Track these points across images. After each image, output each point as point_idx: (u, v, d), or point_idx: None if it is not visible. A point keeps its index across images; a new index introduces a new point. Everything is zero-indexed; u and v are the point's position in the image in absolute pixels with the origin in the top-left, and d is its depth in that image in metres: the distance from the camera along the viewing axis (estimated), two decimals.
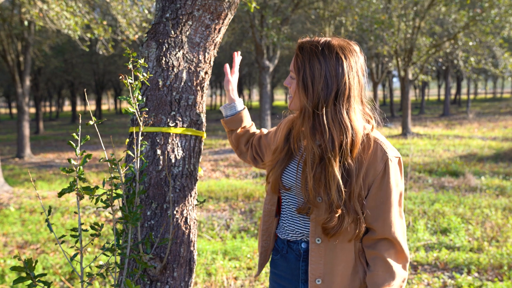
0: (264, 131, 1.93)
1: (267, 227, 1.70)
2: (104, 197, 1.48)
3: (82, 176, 1.44)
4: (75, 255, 1.46)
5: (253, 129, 1.95)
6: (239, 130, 1.91)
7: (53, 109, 49.86)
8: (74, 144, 1.42)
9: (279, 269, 1.68)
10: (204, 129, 1.84)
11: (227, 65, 1.85)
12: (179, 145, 1.72)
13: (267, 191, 1.71)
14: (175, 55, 1.69)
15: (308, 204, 1.50)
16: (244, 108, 1.91)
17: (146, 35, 1.75)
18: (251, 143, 1.92)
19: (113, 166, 1.50)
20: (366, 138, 1.49)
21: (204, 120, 1.83)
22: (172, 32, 1.69)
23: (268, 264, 2.86)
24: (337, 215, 1.45)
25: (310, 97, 1.45)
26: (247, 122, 1.92)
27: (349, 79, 1.44)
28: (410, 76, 15.90)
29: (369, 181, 1.48)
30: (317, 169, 1.45)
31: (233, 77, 1.87)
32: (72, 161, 1.45)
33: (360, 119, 1.49)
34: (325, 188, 1.45)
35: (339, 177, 1.43)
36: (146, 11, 9.32)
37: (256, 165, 1.93)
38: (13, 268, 1.36)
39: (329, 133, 1.43)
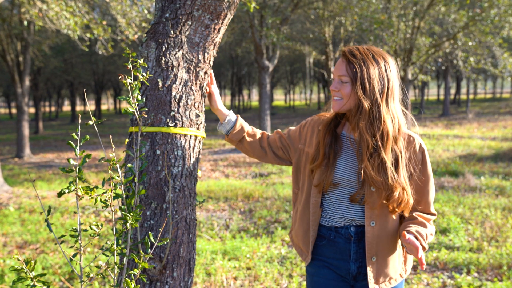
0: (281, 131, 2.04)
1: (315, 218, 1.86)
2: (103, 197, 1.48)
3: (81, 176, 1.44)
4: (75, 255, 1.46)
5: (257, 130, 2.02)
6: (246, 138, 1.96)
7: (53, 109, 49.84)
8: (73, 144, 1.42)
9: (326, 253, 1.86)
10: (203, 129, 1.84)
11: (204, 84, 1.86)
12: (179, 145, 1.72)
13: (310, 187, 1.87)
14: (175, 55, 1.69)
15: (361, 192, 1.75)
16: (238, 117, 1.98)
17: (145, 35, 1.75)
18: (268, 143, 1.99)
19: (112, 166, 1.50)
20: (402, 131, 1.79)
21: (203, 120, 1.83)
22: (172, 32, 1.69)
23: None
24: (394, 193, 1.71)
25: (368, 96, 1.71)
26: (248, 126, 1.99)
27: (393, 79, 1.76)
28: (409, 76, 15.89)
29: (411, 168, 1.78)
30: (372, 158, 1.71)
31: (215, 94, 1.92)
32: (72, 161, 1.45)
33: (401, 113, 1.79)
34: (381, 173, 1.70)
35: (390, 162, 1.71)
36: (146, 11, 9.31)
37: (281, 163, 2.02)
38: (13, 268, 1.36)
39: (384, 125, 1.71)
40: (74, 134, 1.42)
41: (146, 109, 1.69)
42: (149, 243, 1.64)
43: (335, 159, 1.80)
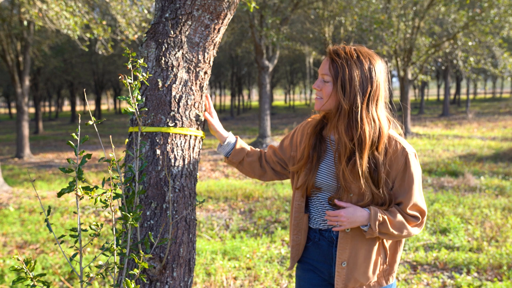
0: (275, 145, 2.01)
1: (298, 222, 1.85)
2: (103, 197, 1.48)
3: (81, 176, 1.44)
4: (75, 255, 1.46)
5: (255, 150, 2.01)
6: (246, 158, 1.96)
7: (53, 109, 49.85)
8: (73, 144, 1.42)
9: (311, 255, 1.86)
10: (203, 129, 1.85)
11: (206, 114, 1.87)
12: (179, 145, 1.72)
13: (295, 190, 1.87)
14: (175, 55, 1.69)
15: (337, 196, 1.74)
16: (237, 138, 1.97)
17: (145, 35, 1.75)
18: (266, 160, 1.98)
19: (112, 166, 1.50)
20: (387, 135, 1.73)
21: (203, 120, 1.83)
22: (172, 32, 1.69)
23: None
24: (367, 200, 1.70)
25: (347, 97, 1.66)
26: (247, 147, 1.99)
27: (378, 82, 1.69)
28: (409, 76, 15.90)
29: (392, 173, 1.71)
30: (349, 162, 1.67)
31: (213, 118, 1.90)
32: (72, 161, 1.45)
33: (385, 118, 1.73)
34: (357, 178, 1.66)
35: (367, 167, 1.67)
36: (146, 11, 9.31)
37: (281, 178, 2.00)
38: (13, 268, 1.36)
39: (362, 128, 1.66)
40: (74, 134, 1.42)
41: (146, 109, 1.69)
42: (149, 243, 1.64)
43: (319, 162, 1.78)
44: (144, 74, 1.64)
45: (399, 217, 1.71)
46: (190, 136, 1.75)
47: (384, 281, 1.82)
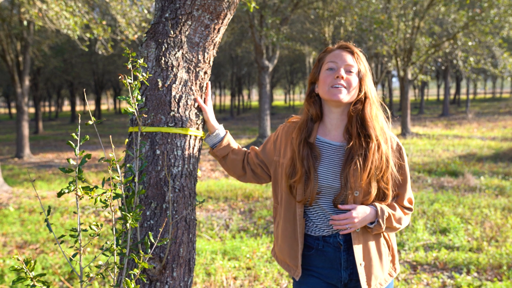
0: (256, 148, 1.98)
1: (301, 229, 1.81)
2: (103, 197, 1.48)
3: (81, 176, 1.44)
4: (75, 255, 1.46)
5: (242, 149, 1.97)
6: (231, 155, 1.92)
7: (53, 109, 49.83)
8: (73, 144, 1.42)
9: (315, 262, 1.81)
10: (203, 129, 1.85)
11: (198, 98, 1.81)
12: (179, 145, 1.72)
13: (287, 200, 1.83)
14: (175, 55, 1.69)
15: (343, 195, 1.72)
16: (227, 132, 1.94)
17: (145, 35, 1.75)
18: (247, 162, 1.94)
19: (112, 166, 1.50)
20: None
21: (203, 120, 1.83)
22: (172, 32, 1.69)
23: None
24: (373, 196, 1.73)
25: (370, 90, 1.77)
26: (234, 144, 1.94)
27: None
28: (409, 76, 15.90)
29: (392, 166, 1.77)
30: (363, 159, 1.70)
31: (208, 106, 1.83)
32: (71, 161, 1.45)
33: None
34: (372, 173, 1.70)
35: (380, 162, 1.72)
36: (146, 11, 9.31)
37: (259, 182, 1.96)
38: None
39: (379, 121, 1.76)
40: (74, 134, 1.42)
41: (146, 109, 1.69)
42: (149, 243, 1.64)
43: (316, 169, 1.74)
44: (144, 74, 1.64)
45: (398, 210, 1.79)
46: (190, 136, 1.75)
47: (393, 271, 1.87)
